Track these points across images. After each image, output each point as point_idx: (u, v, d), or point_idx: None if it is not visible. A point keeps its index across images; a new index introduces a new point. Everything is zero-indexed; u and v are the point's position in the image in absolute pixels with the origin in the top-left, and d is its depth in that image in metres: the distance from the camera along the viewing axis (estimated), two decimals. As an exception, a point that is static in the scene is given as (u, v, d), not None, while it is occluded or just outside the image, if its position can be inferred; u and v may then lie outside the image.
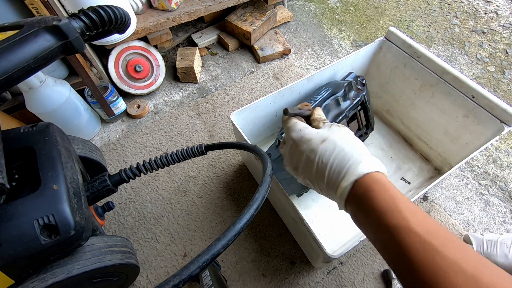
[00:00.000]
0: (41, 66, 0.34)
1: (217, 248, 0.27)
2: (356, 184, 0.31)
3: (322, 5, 1.38)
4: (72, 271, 0.42)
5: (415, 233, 0.25)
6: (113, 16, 0.39)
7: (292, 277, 0.68)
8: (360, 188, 0.31)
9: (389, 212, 0.28)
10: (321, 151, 0.34)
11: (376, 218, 0.28)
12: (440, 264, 0.23)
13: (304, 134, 0.36)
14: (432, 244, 0.24)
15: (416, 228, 0.25)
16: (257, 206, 0.32)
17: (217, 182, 0.83)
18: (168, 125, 0.95)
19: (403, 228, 0.26)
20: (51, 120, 0.56)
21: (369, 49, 0.79)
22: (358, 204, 0.31)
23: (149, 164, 0.55)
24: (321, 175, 0.34)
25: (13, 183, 0.44)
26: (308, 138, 0.35)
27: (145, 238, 0.74)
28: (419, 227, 0.25)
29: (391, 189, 0.30)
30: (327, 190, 0.34)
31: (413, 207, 0.28)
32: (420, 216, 0.27)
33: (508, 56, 1.15)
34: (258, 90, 1.04)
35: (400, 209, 0.27)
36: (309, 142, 0.35)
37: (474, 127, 0.67)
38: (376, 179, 0.30)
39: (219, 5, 1.01)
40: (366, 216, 0.30)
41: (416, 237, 0.25)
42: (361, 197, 0.30)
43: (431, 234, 0.25)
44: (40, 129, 0.48)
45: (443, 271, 0.23)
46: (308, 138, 0.35)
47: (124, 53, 0.94)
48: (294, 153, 0.37)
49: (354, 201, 0.31)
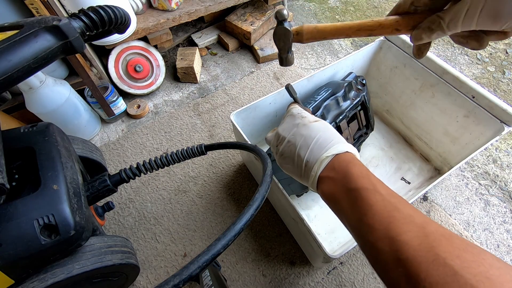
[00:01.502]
0: (41, 66, 0.34)
1: (217, 248, 0.27)
2: (335, 157, 0.36)
3: (322, 5, 1.38)
4: (72, 271, 0.42)
5: (380, 193, 0.31)
6: (113, 16, 0.39)
7: (292, 277, 0.68)
8: (338, 161, 0.36)
9: (361, 178, 0.33)
10: (312, 126, 0.40)
11: (349, 183, 0.33)
12: (397, 216, 0.28)
13: (302, 112, 0.44)
14: (392, 202, 0.30)
15: (381, 190, 0.31)
16: (257, 206, 0.32)
17: (217, 182, 0.83)
18: (168, 125, 0.95)
19: (371, 190, 0.31)
20: (51, 120, 0.56)
21: (369, 49, 0.79)
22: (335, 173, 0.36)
23: (149, 164, 0.55)
24: (305, 147, 0.39)
25: (13, 183, 0.44)
26: (304, 115, 0.43)
27: (145, 238, 0.74)
28: (383, 190, 0.31)
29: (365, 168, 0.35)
30: (305, 164, 0.39)
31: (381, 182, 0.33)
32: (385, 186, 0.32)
33: (508, 56, 1.15)
34: (258, 90, 1.04)
35: (371, 178, 0.33)
36: (304, 118, 0.42)
37: (474, 127, 0.67)
38: (353, 157, 0.36)
39: (219, 5, 1.01)
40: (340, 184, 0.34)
41: (380, 196, 0.31)
42: (338, 169, 0.35)
43: (392, 196, 0.31)
44: (40, 129, 0.48)
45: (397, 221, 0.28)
46: (304, 115, 0.43)
47: (124, 53, 0.94)
48: (287, 126, 0.43)
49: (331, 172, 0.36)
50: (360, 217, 0.31)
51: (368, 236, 0.30)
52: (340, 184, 0.34)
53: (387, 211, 0.29)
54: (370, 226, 0.29)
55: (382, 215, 0.29)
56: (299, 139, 0.40)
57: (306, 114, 0.43)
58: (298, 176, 0.41)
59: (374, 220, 0.29)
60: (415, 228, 0.27)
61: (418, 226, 0.27)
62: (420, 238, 0.26)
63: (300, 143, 0.40)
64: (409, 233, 0.27)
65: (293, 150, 0.40)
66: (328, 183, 0.36)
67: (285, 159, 0.42)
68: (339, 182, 0.35)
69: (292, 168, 0.41)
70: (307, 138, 0.39)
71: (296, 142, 0.40)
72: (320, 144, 0.38)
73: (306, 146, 0.39)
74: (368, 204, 0.30)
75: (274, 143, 0.44)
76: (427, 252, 0.25)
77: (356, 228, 0.32)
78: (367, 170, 0.35)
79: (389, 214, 0.29)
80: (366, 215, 0.30)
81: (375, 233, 0.29)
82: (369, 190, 0.31)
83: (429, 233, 0.26)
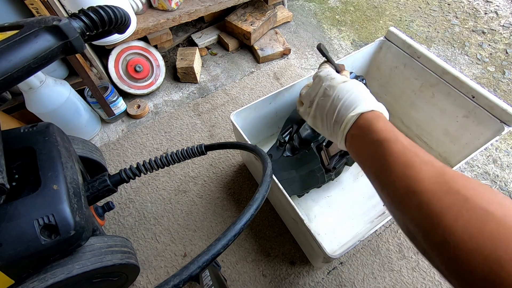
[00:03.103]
0: (41, 66, 0.34)
1: (217, 248, 0.27)
2: (360, 116, 0.38)
3: (322, 5, 1.38)
4: (72, 271, 0.42)
5: (402, 143, 0.32)
6: (113, 16, 0.39)
7: (292, 277, 0.68)
8: (363, 120, 0.38)
9: (384, 131, 0.35)
10: (339, 88, 0.42)
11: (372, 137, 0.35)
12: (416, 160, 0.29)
13: (330, 73, 0.45)
14: (412, 150, 0.31)
15: (403, 141, 0.33)
16: (257, 206, 0.32)
17: (217, 182, 0.83)
18: (168, 125, 0.95)
19: (392, 140, 0.33)
20: (51, 120, 0.56)
21: (369, 49, 0.79)
22: (360, 131, 0.38)
23: (149, 164, 0.55)
24: (333, 108, 0.41)
25: (13, 183, 0.44)
26: (332, 77, 0.44)
27: (145, 238, 0.74)
28: (405, 141, 0.33)
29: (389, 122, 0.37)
30: (333, 124, 0.41)
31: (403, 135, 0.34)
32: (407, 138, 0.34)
33: (508, 56, 1.15)
34: (258, 90, 1.04)
35: (394, 131, 0.35)
36: (332, 80, 0.44)
37: (474, 127, 0.67)
38: (378, 115, 0.38)
39: (219, 5, 1.01)
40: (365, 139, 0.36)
41: (401, 145, 0.32)
42: (363, 126, 0.37)
43: (413, 145, 0.32)
44: (40, 129, 0.48)
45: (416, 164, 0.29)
46: (332, 77, 0.44)
47: (124, 53, 0.94)
48: (316, 87, 0.45)
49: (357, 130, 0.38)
50: (381, 163, 0.32)
51: (387, 177, 0.31)
52: (364, 140, 0.37)
53: (407, 157, 0.30)
54: (390, 170, 0.31)
55: (401, 159, 0.30)
56: (327, 101, 0.42)
57: (335, 75, 0.45)
58: (328, 136, 0.44)
59: (394, 164, 0.31)
60: (432, 169, 0.28)
61: (436, 167, 0.28)
62: (436, 177, 0.27)
63: (328, 105, 0.42)
64: (426, 172, 0.28)
65: (322, 111, 0.43)
66: (355, 140, 0.39)
67: (315, 120, 0.45)
68: (363, 138, 0.37)
69: (322, 129, 0.44)
70: (334, 100, 0.41)
71: (324, 105, 0.43)
72: (347, 105, 0.40)
73: (334, 108, 0.41)
74: (390, 152, 0.32)
75: (307, 104, 0.47)
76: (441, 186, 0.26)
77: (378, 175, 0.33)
78: (391, 124, 0.36)
79: (409, 159, 0.30)
80: (387, 161, 0.32)
81: (393, 174, 0.30)
82: (391, 140, 0.33)
83: (446, 172, 0.27)
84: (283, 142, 0.66)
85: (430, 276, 0.68)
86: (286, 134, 0.66)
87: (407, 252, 0.72)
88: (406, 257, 0.71)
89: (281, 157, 0.66)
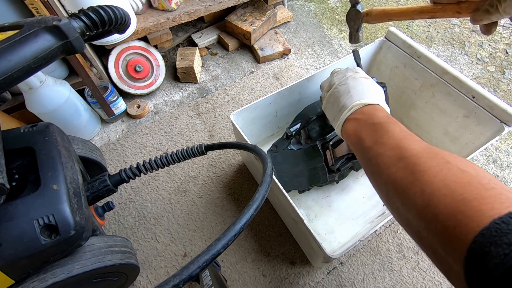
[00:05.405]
0: (41, 66, 0.34)
1: (217, 248, 0.27)
2: (365, 106, 0.42)
3: (322, 5, 1.38)
4: (72, 271, 0.42)
5: (399, 126, 0.36)
6: (113, 16, 0.39)
7: (292, 277, 0.68)
8: (367, 108, 0.42)
9: (385, 117, 0.38)
10: (358, 80, 0.47)
11: (372, 120, 0.39)
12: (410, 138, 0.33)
13: (357, 69, 0.51)
14: (408, 132, 0.34)
15: (401, 126, 0.36)
16: (257, 206, 0.32)
17: (217, 182, 0.83)
18: (168, 125, 0.95)
19: (392, 123, 0.37)
20: (51, 120, 0.56)
21: (369, 49, 0.79)
22: (361, 115, 0.41)
23: (149, 164, 0.55)
24: (345, 95, 0.45)
25: (13, 183, 0.44)
26: (358, 71, 0.50)
27: (145, 238, 0.74)
28: (403, 127, 0.36)
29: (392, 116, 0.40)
30: (341, 107, 0.45)
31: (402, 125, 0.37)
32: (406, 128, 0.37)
33: (508, 56, 1.15)
34: (258, 90, 1.04)
35: (394, 119, 0.38)
36: (357, 73, 0.49)
37: (474, 127, 0.67)
38: (383, 108, 0.42)
39: (219, 5, 1.01)
40: (364, 122, 0.40)
41: (398, 127, 0.36)
42: (365, 112, 0.41)
43: (410, 132, 0.35)
44: (40, 129, 0.48)
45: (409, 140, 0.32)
46: (358, 71, 0.50)
47: (124, 53, 0.94)
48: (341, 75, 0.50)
49: (358, 114, 0.42)
50: (376, 139, 0.36)
51: (380, 148, 0.34)
52: (363, 122, 0.40)
53: (403, 135, 0.34)
54: (383, 143, 0.34)
55: (397, 136, 0.34)
56: (344, 88, 0.46)
57: (360, 71, 0.50)
58: (332, 118, 0.48)
59: (390, 138, 0.34)
60: (423, 144, 0.31)
61: (426, 144, 0.31)
62: (426, 148, 0.30)
63: (343, 91, 0.46)
64: (417, 145, 0.31)
65: (336, 95, 0.47)
66: (353, 123, 0.42)
67: (328, 102, 0.49)
68: (363, 121, 0.40)
69: (331, 111, 0.48)
70: (350, 88, 0.45)
71: (340, 90, 0.47)
72: (358, 94, 0.44)
73: (346, 94, 0.45)
74: (387, 130, 0.35)
75: (326, 88, 0.52)
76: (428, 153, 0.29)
77: (372, 146, 0.36)
78: (390, 116, 0.40)
79: (404, 136, 0.33)
80: (382, 137, 0.35)
81: (387, 145, 0.33)
82: (390, 123, 0.37)
83: (435, 148, 0.30)
84: (290, 135, 0.66)
85: (430, 276, 0.68)
86: (294, 128, 0.66)
87: (407, 252, 0.72)
88: (406, 257, 0.71)
89: (285, 149, 0.66)
